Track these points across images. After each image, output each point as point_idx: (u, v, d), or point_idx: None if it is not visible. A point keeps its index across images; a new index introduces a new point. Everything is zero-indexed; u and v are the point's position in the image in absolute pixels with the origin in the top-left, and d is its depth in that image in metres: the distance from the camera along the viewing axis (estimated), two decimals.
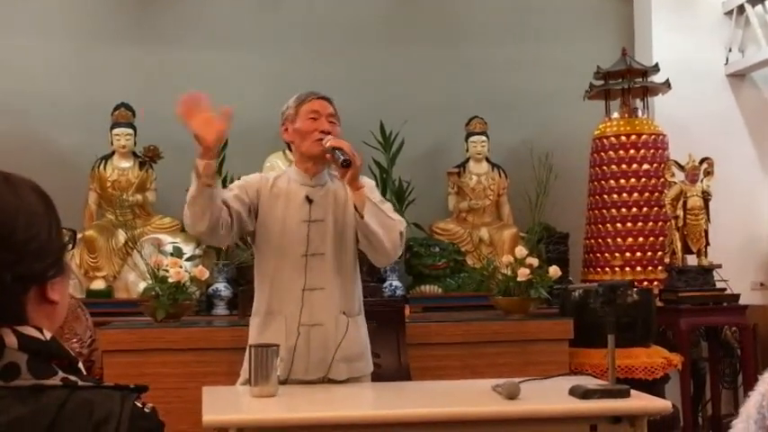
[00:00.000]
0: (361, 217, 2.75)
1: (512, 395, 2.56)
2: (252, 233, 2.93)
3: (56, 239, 1.15)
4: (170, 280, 4.03)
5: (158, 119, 5.54)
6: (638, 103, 5.51)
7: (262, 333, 2.87)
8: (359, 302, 2.97)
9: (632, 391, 2.63)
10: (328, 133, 2.87)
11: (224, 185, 5.17)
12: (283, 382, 2.73)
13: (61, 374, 1.11)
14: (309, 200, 2.89)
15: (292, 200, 2.90)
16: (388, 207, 2.90)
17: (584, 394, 2.56)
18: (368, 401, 2.70)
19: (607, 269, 5.27)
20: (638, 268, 5.23)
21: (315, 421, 2.46)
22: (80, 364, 1.17)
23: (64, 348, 1.16)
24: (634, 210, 5.26)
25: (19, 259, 1.09)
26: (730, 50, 5.94)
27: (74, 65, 5.82)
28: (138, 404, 1.12)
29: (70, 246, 1.18)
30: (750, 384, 5.00)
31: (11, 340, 1.08)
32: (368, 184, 2.91)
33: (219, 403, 2.56)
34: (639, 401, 2.61)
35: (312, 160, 2.92)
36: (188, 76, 5.83)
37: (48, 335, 1.12)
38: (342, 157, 2.75)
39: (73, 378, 1.12)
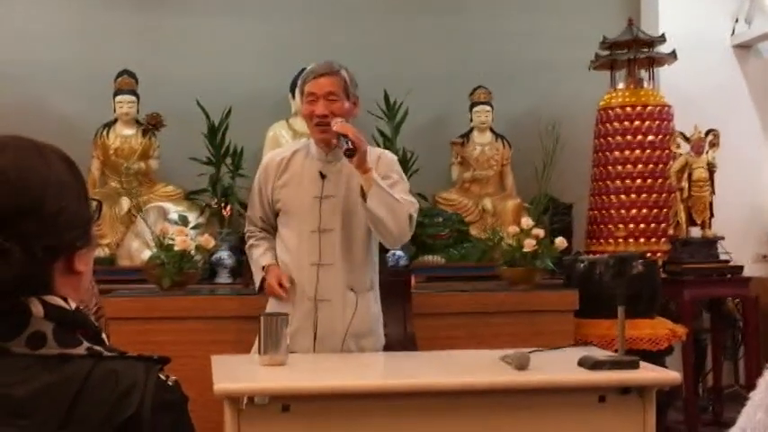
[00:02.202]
0: (365, 201, 2.75)
1: (521, 366, 2.56)
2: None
3: (84, 210, 1.14)
4: (176, 248, 4.02)
5: (161, 86, 5.51)
6: (644, 73, 5.47)
7: (275, 304, 2.93)
8: (370, 279, 2.96)
9: (641, 363, 2.63)
10: (324, 116, 2.84)
11: (226, 157, 5.21)
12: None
13: (86, 344, 1.11)
14: (323, 176, 2.89)
15: (306, 176, 2.92)
16: (402, 188, 2.88)
17: (594, 365, 2.56)
18: (378, 371, 2.70)
19: (611, 240, 5.27)
20: (642, 240, 5.22)
21: (324, 390, 2.46)
22: (103, 335, 1.17)
23: (88, 318, 1.16)
24: (638, 181, 5.25)
25: (49, 230, 1.08)
26: (737, 21, 5.90)
27: (76, 31, 5.77)
28: (162, 376, 1.12)
29: (96, 216, 1.17)
30: (751, 356, 5.04)
31: (37, 309, 1.08)
32: (387, 161, 2.90)
33: (230, 372, 2.56)
34: (649, 373, 2.61)
35: (320, 142, 2.92)
36: (191, 44, 5.80)
37: (73, 305, 1.12)
38: (345, 146, 2.74)
39: (97, 348, 1.11)
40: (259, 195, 3.00)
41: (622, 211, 5.26)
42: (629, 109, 5.29)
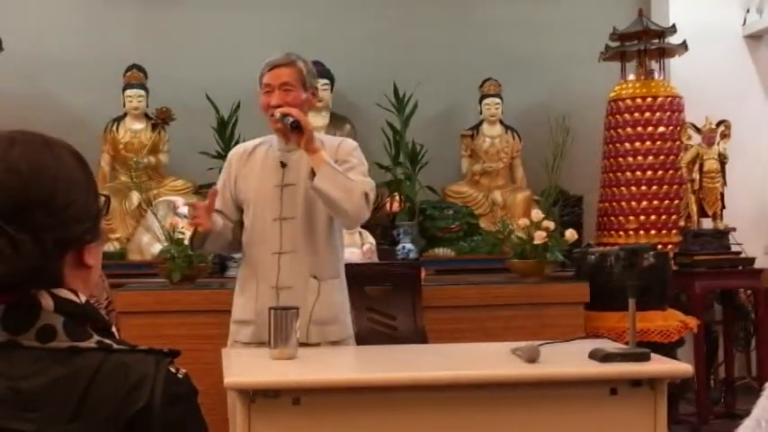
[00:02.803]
0: (312, 180, 2.74)
1: (532, 358, 2.55)
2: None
3: (93, 204, 1.14)
4: (186, 242, 4.02)
5: (170, 80, 5.52)
6: (654, 64, 5.45)
7: (240, 295, 2.95)
8: (335, 266, 2.94)
9: (652, 355, 2.62)
10: (278, 107, 2.83)
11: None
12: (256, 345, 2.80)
13: (96, 337, 1.11)
14: (283, 164, 2.90)
15: (268, 165, 2.92)
16: (360, 171, 2.87)
17: (605, 358, 2.55)
18: (388, 364, 2.69)
19: (621, 232, 5.25)
20: (653, 231, 5.21)
21: (335, 383, 2.46)
22: (113, 328, 1.17)
23: (98, 312, 1.16)
24: (649, 173, 5.23)
25: (59, 223, 1.08)
26: (748, 11, 5.87)
27: (86, 25, 5.78)
28: (172, 369, 1.12)
29: (104, 211, 1.17)
30: (764, 348, 5.02)
31: (47, 302, 1.08)
32: (346, 147, 2.90)
33: (240, 366, 2.56)
34: (660, 365, 2.60)
35: (277, 132, 2.91)
36: (200, 37, 5.80)
37: (83, 298, 1.13)
38: (290, 119, 2.74)
39: (107, 341, 1.12)
40: (222, 188, 2.99)
41: (633, 203, 5.25)
42: (639, 100, 5.27)
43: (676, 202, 5.19)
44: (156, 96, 5.45)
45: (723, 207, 5.04)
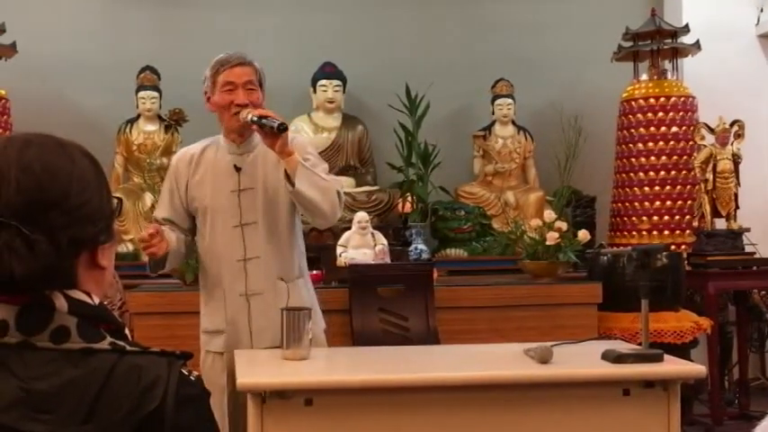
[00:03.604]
0: (293, 186, 2.64)
1: (544, 359, 2.54)
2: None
3: (106, 205, 1.15)
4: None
5: (183, 81, 5.52)
6: (668, 64, 5.43)
7: (206, 304, 2.88)
8: (298, 267, 2.88)
9: (665, 356, 2.61)
10: (245, 106, 2.75)
11: None
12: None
13: (109, 339, 1.11)
14: (237, 168, 2.81)
15: (220, 170, 2.82)
16: (323, 168, 2.81)
17: (617, 359, 2.54)
18: (400, 365, 2.69)
19: (634, 233, 5.24)
20: (666, 232, 5.19)
21: (347, 384, 2.46)
22: (126, 330, 1.18)
23: (111, 313, 1.16)
24: (662, 173, 5.21)
25: (73, 222, 1.09)
26: (761, 10, 5.84)
27: (99, 27, 5.81)
28: (185, 372, 1.12)
29: (117, 212, 1.17)
30: None
31: (61, 304, 1.09)
32: (299, 143, 2.79)
33: (252, 366, 2.57)
34: (673, 366, 2.59)
35: (235, 133, 2.82)
36: (213, 39, 5.79)
37: (96, 299, 1.13)
38: (276, 122, 2.62)
39: (121, 343, 1.12)
40: (170, 195, 2.88)
41: (646, 204, 5.23)
42: (652, 100, 5.25)
43: (689, 202, 5.17)
44: (169, 98, 5.47)
45: (737, 207, 5.02)
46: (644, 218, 5.22)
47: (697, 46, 5.28)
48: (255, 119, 2.67)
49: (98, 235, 1.13)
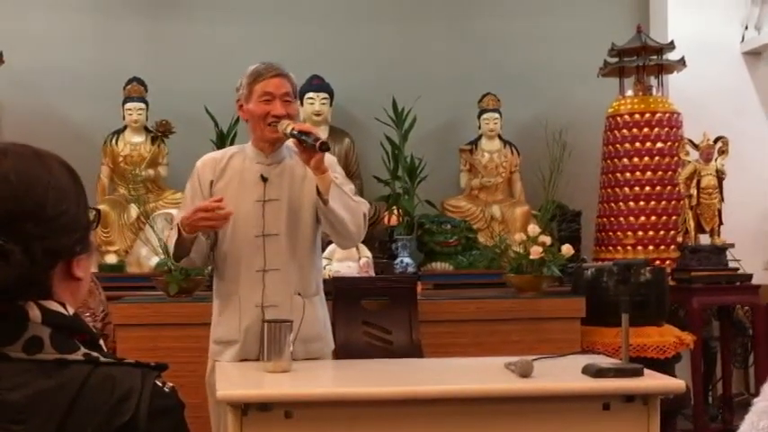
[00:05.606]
0: (325, 203, 2.65)
1: (525, 373, 2.55)
2: None
3: (83, 216, 1.15)
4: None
5: (170, 93, 5.54)
6: (653, 80, 5.47)
7: (220, 314, 2.86)
8: (316, 283, 2.88)
9: (645, 370, 2.63)
10: (282, 117, 2.74)
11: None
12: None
13: (83, 350, 1.11)
14: (264, 179, 2.79)
15: (247, 179, 2.81)
16: (350, 188, 2.82)
17: (598, 373, 2.55)
18: (382, 378, 2.69)
19: (619, 248, 5.26)
20: (651, 247, 5.21)
21: (327, 397, 2.46)
22: (101, 341, 1.18)
23: (86, 324, 1.16)
24: (647, 188, 5.24)
25: (49, 233, 1.09)
26: (746, 28, 5.89)
27: (86, 39, 5.80)
28: (159, 383, 1.12)
29: (94, 224, 1.18)
30: (762, 364, 5.01)
31: (35, 314, 1.09)
32: (328, 162, 2.75)
33: (234, 379, 2.57)
34: (653, 380, 2.60)
35: (267, 143, 2.81)
36: (200, 51, 5.83)
37: (71, 310, 1.13)
38: (319, 140, 2.60)
39: (95, 354, 1.12)
40: (192, 198, 2.85)
41: (631, 219, 5.25)
42: (637, 116, 5.29)
43: (674, 217, 5.20)
44: (155, 109, 5.47)
45: (721, 223, 5.05)
46: (629, 233, 5.24)
47: (682, 62, 5.32)
48: (296, 133, 2.66)
49: (74, 246, 1.13)
